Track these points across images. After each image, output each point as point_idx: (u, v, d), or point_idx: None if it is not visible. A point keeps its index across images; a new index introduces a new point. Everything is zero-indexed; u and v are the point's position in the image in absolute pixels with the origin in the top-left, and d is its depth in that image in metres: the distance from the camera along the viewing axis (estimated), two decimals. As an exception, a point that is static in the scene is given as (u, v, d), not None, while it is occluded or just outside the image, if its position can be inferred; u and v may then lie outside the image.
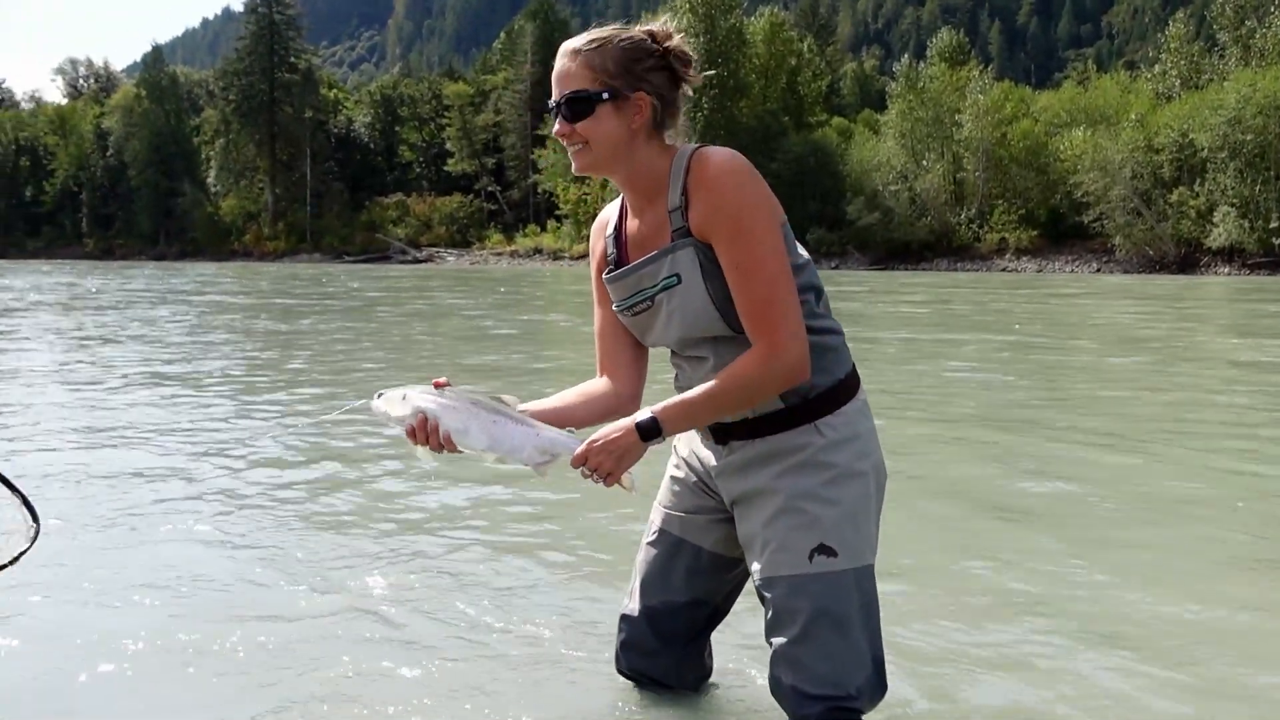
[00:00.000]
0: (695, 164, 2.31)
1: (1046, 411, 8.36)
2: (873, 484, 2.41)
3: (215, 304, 24.15)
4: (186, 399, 8.68)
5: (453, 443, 2.31)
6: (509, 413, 2.33)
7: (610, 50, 2.33)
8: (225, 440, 6.73)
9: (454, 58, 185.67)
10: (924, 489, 5.45)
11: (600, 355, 2.59)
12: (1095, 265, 54.74)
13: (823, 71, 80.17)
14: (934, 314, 21.46)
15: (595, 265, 2.56)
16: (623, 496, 2.44)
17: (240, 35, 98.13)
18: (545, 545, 4.37)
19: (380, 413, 2.36)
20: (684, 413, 2.31)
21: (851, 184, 62.45)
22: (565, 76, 2.36)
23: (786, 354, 2.25)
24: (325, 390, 9.28)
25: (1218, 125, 51.28)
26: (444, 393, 2.33)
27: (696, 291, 2.33)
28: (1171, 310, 22.63)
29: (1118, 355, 12.86)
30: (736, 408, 2.33)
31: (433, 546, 4.33)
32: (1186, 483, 5.74)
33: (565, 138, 2.38)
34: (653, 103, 2.35)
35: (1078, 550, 4.32)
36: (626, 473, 2.32)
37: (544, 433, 2.32)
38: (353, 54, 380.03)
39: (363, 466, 5.94)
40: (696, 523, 2.58)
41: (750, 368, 2.27)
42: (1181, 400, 9.18)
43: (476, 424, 2.29)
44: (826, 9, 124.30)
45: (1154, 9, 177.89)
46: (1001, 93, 63.20)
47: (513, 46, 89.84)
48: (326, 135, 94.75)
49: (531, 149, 79.64)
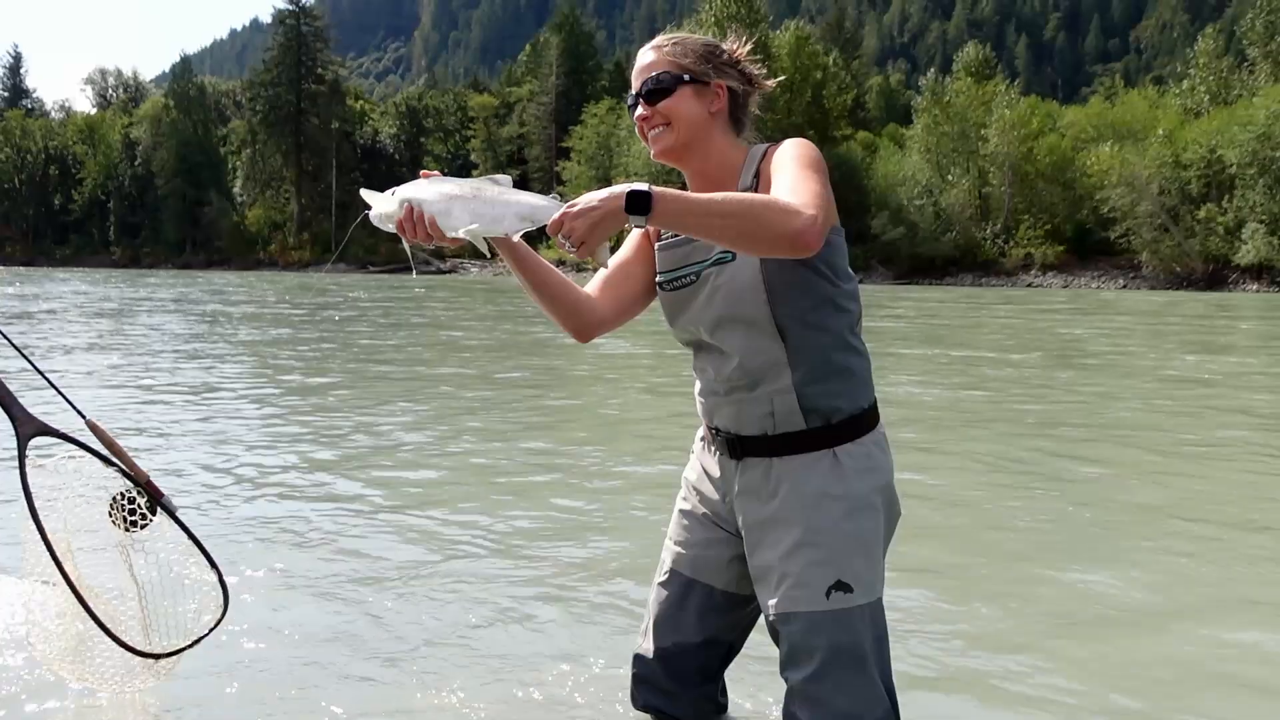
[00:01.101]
0: (770, 150, 2.37)
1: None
2: (884, 518, 2.38)
3: (312, 316, 24.24)
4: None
5: (439, 229, 2.26)
6: (488, 188, 2.26)
7: (690, 44, 2.44)
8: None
9: (479, 69, 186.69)
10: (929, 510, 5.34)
11: (597, 280, 2.55)
12: (1121, 281, 54.46)
13: (848, 85, 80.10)
14: (953, 327, 21.28)
15: (641, 233, 2.55)
16: (636, 521, 2.37)
17: (268, 46, 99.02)
18: (565, 571, 4.29)
19: (376, 216, 2.33)
20: (680, 199, 2.11)
21: (876, 198, 62.37)
22: (646, 67, 2.42)
23: (804, 212, 2.11)
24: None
25: (1247, 141, 50.99)
26: (430, 180, 2.30)
27: (749, 267, 2.30)
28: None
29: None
30: (733, 226, 2.12)
31: (456, 571, 4.26)
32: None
33: (645, 120, 2.41)
34: (730, 92, 2.42)
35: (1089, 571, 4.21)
36: (602, 246, 2.19)
37: (523, 199, 2.24)
38: (379, 65, 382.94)
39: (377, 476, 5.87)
40: (708, 561, 2.52)
41: (766, 199, 2.15)
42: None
43: (458, 205, 2.24)
44: (852, 23, 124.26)
45: (1182, 24, 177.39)
46: (1028, 107, 63.01)
47: (538, 58, 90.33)
48: (352, 146, 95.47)
49: (556, 160, 79.89)
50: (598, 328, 2.53)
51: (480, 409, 9.21)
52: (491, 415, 8.80)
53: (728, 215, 2.10)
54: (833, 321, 2.34)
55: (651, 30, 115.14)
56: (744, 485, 2.41)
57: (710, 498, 2.52)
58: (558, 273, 2.52)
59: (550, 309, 2.50)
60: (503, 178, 2.29)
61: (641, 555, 4.34)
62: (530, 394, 10.37)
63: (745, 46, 2.47)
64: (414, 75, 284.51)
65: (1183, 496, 5.93)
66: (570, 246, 2.12)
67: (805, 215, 2.10)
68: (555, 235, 2.14)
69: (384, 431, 7.73)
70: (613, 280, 2.54)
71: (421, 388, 10.67)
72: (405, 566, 4.27)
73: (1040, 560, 4.57)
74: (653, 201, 2.06)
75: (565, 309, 2.49)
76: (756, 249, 2.19)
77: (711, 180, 2.41)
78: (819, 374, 2.33)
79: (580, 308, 2.51)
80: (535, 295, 2.49)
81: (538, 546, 4.64)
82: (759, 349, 2.33)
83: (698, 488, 2.57)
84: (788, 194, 2.17)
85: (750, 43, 2.49)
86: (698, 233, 2.17)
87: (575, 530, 4.92)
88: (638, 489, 5.80)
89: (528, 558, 4.45)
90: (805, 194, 2.16)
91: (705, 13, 68.29)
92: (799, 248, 2.11)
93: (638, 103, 2.42)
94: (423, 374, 12.06)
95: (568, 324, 2.51)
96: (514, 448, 7.15)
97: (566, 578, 4.18)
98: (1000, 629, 3.68)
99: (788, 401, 2.33)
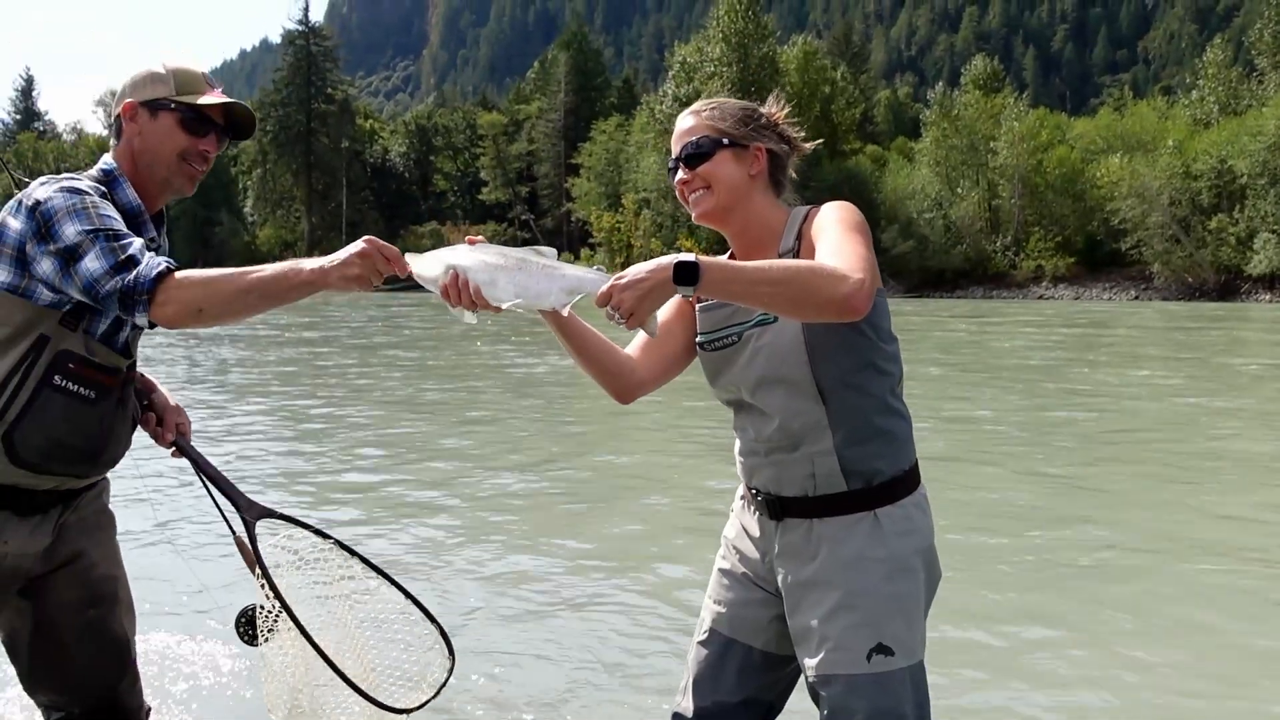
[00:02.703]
0: (811, 213, 2.40)
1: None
2: (924, 580, 2.37)
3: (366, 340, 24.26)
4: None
5: (483, 298, 2.22)
6: (533, 259, 2.24)
7: (729, 108, 2.45)
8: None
9: (488, 87, 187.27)
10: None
11: (638, 342, 2.56)
12: (1133, 292, 54.29)
13: (856, 99, 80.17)
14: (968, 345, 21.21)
15: (679, 302, 2.49)
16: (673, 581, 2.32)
17: (278, 67, 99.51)
18: (610, 614, 4.25)
19: (419, 276, 2.29)
20: (727, 269, 2.11)
21: (886, 212, 62.28)
22: (686, 132, 2.45)
23: (851, 276, 2.12)
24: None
25: (1257, 151, 50.84)
26: (475, 248, 2.26)
27: (791, 329, 2.31)
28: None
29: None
30: (784, 286, 2.12)
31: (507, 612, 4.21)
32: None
33: (686, 184, 2.44)
34: (769, 154, 2.45)
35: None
36: (651, 316, 2.17)
37: (569, 272, 2.23)
38: (388, 84, 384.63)
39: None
40: (746, 620, 2.51)
41: (813, 265, 2.15)
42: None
43: (503, 275, 2.21)
44: (859, 37, 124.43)
45: (1190, 34, 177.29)
46: (1037, 119, 62.93)
47: (546, 76, 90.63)
48: (362, 165, 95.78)
49: (565, 177, 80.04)
50: (639, 389, 2.54)
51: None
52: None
53: (775, 283, 2.11)
54: (874, 384, 2.35)
55: (659, 47, 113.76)
56: (784, 546, 2.40)
57: (750, 557, 2.51)
58: (600, 335, 2.51)
59: (592, 372, 2.50)
60: (547, 250, 2.26)
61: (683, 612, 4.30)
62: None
63: (783, 109, 2.50)
64: (423, 94, 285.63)
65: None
66: (619, 318, 2.11)
67: (853, 280, 2.11)
68: (603, 307, 2.13)
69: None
70: (653, 341, 2.52)
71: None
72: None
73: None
74: (700, 272, 2.06)
75: (608, 372, 2.50)
76: (804, 315, 2.21)
77: (753, 241, 2.43)
78: (860, 436, 2.34)
79: (622, 370, 2.51)
80: (578, 359, 2.48)
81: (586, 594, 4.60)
82: (800, 410, 2.33)
83: (737, 546, 2.55)
84: (832, 257, 2.18)
85: (786, 105, 2.52)
86: (745, 300, 2.19)
87: (613, 586, 4.88)
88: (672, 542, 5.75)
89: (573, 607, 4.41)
90: (851, 257, 2.18)
91: (713, 29, 68.32)
92: (846, 313, 2.12)
93: (678, 167, 2.44)
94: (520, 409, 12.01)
95: (610, 386, 2.51)
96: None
97: (603, 633, 4.14)
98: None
99: (829, 463, 2.33)
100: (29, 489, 2.46)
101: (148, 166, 2.58)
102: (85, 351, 2.43)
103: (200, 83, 2.62)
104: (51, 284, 2.36)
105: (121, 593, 2.73)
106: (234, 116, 2.65)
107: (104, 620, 2.67)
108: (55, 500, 2.54)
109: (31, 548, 2.51)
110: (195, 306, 2.25)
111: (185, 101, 2.58)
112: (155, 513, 5.60)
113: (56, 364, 2.39)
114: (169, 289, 2.26)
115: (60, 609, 2.60)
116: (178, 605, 4.50)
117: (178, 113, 2.57)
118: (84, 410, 2.44)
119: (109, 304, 2.30)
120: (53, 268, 2.34)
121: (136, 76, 2.62)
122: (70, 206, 2.37)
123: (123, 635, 2.72)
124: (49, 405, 2.39)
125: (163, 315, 2.27)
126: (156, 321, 2.30)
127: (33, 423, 2.39)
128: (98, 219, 2.36)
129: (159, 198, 2.63)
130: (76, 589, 2.62)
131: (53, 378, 2.39)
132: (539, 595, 4.70)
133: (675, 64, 71.99)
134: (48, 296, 2.38)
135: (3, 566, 2.47)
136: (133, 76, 2.62)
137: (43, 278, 2.36)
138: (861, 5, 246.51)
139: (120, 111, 2.60)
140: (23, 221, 2.39)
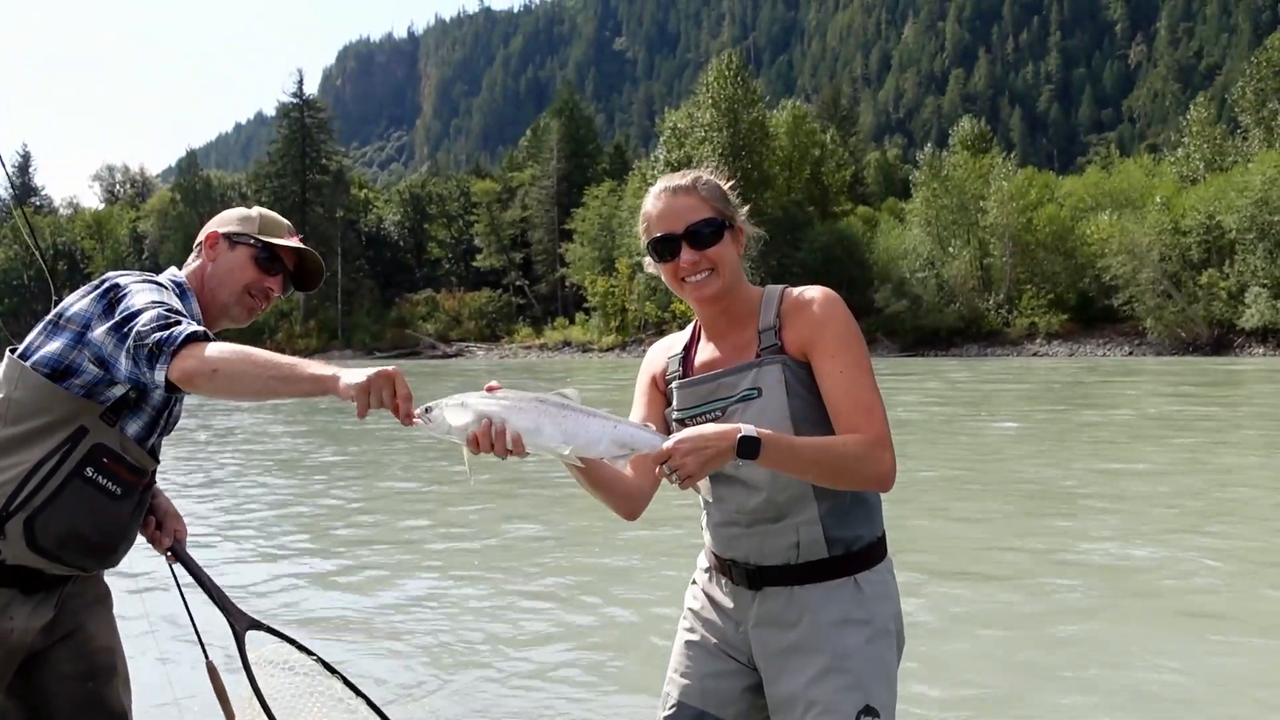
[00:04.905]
0: (790, 293, 2.45)
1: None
2: (896, 642, 2.43)
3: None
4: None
5: (522, 445, 2.16)
6: (577, 406, 2.20)
7: (715, 186, 2.48)
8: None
9: (481, 155, 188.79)
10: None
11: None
12: (1127, 348, 54.43)
13: (846, 161, 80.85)
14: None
15: (648, 377, 2.60)
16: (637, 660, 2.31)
17: (273, 139, 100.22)
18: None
19: (439, 424, 2.19)
20: (786, 447, 2.19)
21: (878, 272, 62.59)
22: (684, 210, 2.42)
23: (886, 455, 2.27)
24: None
25: (1244, 207, 51.28)
26: (503, 394, 2.20)
27: (776, 405, 2.35)
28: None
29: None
30: (832, 470, 2.25)
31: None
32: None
33: (693, 265, 2.41)
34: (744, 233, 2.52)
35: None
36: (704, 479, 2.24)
37: (621, 425, 2.21)
38: (382, 154, 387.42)
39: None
40: (719, 692, 2.48)
41: (860, 443, 2.25)
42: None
43: (549, 421, 2.17)
44: (848, 100, 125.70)
45: (1174, 93, 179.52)
46: (1025, 178, 63.44)
47: (538, 143, 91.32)
48: (357, 234, 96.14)
49: (559, 243, 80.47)
50: (644, 503, 2.55)
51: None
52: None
53: (826, 464, 2.24)
54: None
55: (650, 113, 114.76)
56: (762, 615, 2.40)
57: (720, 627, 2.49)
58: (612, 467, 2.49)
59: (605, 499, 2.49)
60: (571, 392, 2.24)
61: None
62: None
63: (729, 181, 2.55)
64: (417, 163, 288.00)
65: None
66: (675, 478, 2.15)
67: (889, 457, 2.26)
68: (659, 466, 2.17)
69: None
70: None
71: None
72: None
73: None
74: (762, 445, 2.14)
75: (620, 498, 2.49)
76: (842, 486, 2.31)
77: (735, 318, 2.47)
78: (843, 505, 2.38)
79: (632, 493, 2.51)
80: (594, 491, 2.46)
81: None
82: (787, 483, 2.35)
83: (704, 617, 2.53)
84: (856, 412, 2.29)
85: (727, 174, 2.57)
86: (793, 473, 2.28)
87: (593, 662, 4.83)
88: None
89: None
90: (876, 417, 2.29)
91: (703, 95, 69.04)
92: (884, 488, 2.30)
93: (677, 247, 2.40)
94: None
95: (623, 509, 2.50)
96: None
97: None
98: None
99: (813, 532, 2.36)
100: (37, 570, 2.49)
101: (213, 290, 2.74)
102: (120, 449, 2.50)
103: (281, 229, 2.83)
104: (102, 352, 2.43)
105: (119, 665, 2.75)
106: (305, 264, 2.86)
107: (101, 693, 2.68)
108: (61, 580, 2.58)
109: (36, 623, 2.53)
110: (211, 367, 2.29)
111: (263, 240, 2.77)
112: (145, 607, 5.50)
113: (91, 456, 2.46)
114: (196, 347, 2.32)
115: (59, 681, 2.62)
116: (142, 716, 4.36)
117: (254, 248, 2.76)
118: (108, 505, 2.50)
119: (140, 356, 2.35)
120: (109, 333, 2.42)
121: (227, 213, 2.82)
122: (146, 287, 2.51)
123: (120, 708, 2.73)
124: (77, 496, 2.45)
125: (180, 368, 2.30)
126: (172, 376, 2.32)
127: (57, 510, 2.43)
128: (168, 298, 2.50)
129: (215, 323, 2.76)
130: (75, 662, 2.63)
131: (85, 469, 2.45)
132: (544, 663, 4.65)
133: (666, 129, 72.66)
134: (90, 372, 2.45)
135: (9, 643, 2.48)
136: (224, 212, 2.82)
137: (95, 344, 2.44)
138: (849, 69, 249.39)
139: (204, 239, 2.78)
140: (93, 302, 2.49)
